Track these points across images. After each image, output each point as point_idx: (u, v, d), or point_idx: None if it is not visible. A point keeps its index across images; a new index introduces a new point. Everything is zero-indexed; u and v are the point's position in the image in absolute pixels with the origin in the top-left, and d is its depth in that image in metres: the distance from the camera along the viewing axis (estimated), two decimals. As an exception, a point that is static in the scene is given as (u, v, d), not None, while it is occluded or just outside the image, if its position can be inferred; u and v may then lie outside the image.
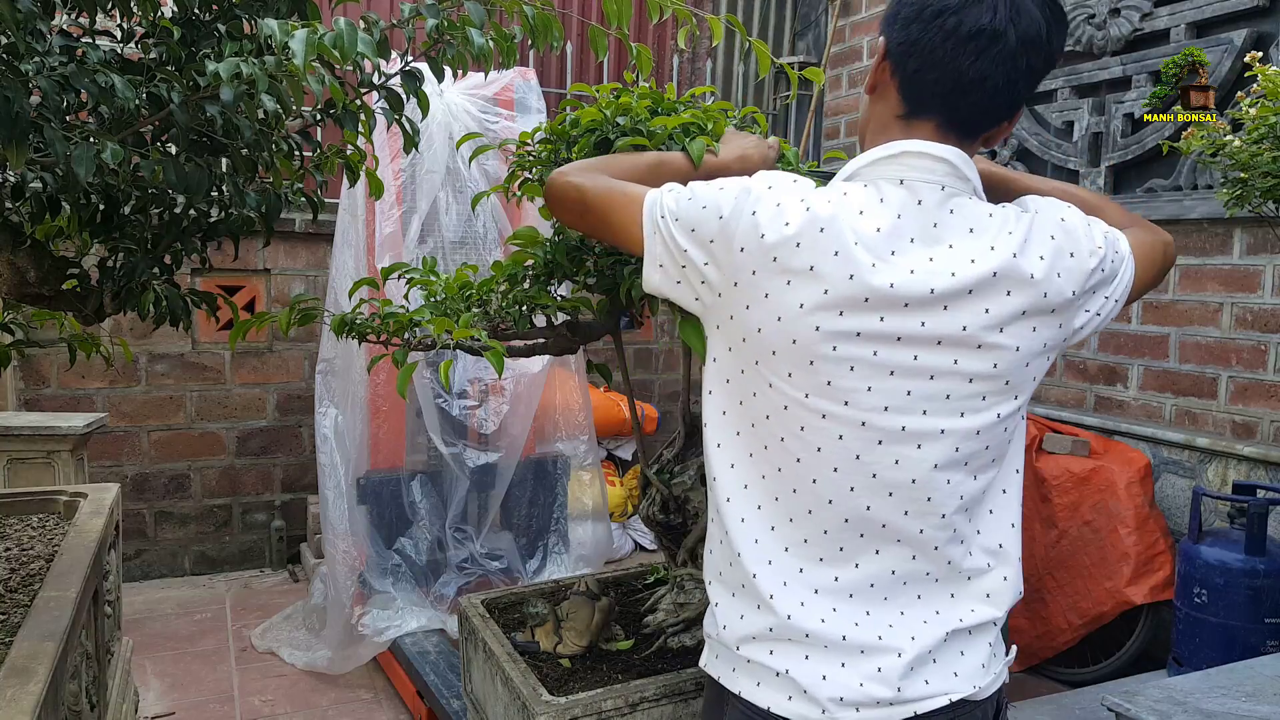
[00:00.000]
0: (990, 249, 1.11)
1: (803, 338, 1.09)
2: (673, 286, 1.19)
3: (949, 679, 1.17)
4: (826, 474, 1.13)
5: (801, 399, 1.11)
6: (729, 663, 1.21)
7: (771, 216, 1.10)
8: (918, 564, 1.17)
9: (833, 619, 1.15)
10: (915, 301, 1.09)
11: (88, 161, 1.16)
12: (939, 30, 1.09)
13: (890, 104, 1.17)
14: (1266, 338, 3.17)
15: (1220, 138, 2.39)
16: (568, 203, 1.28)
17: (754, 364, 1.13)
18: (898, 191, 1.12)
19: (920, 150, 1.13)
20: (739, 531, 1.17)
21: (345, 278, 3.47)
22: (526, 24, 1.48)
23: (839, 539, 1.16)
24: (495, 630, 1.80)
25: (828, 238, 1.08)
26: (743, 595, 1.18)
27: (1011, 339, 1.12)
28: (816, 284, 1.08)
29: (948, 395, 1.12)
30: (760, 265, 1.10)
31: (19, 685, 1.32)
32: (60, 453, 3.24)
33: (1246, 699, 1.70)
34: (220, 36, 1.37)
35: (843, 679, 1.14)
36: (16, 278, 1.47)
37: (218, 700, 3.23)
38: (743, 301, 1.12)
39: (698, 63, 5.53)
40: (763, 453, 1.16)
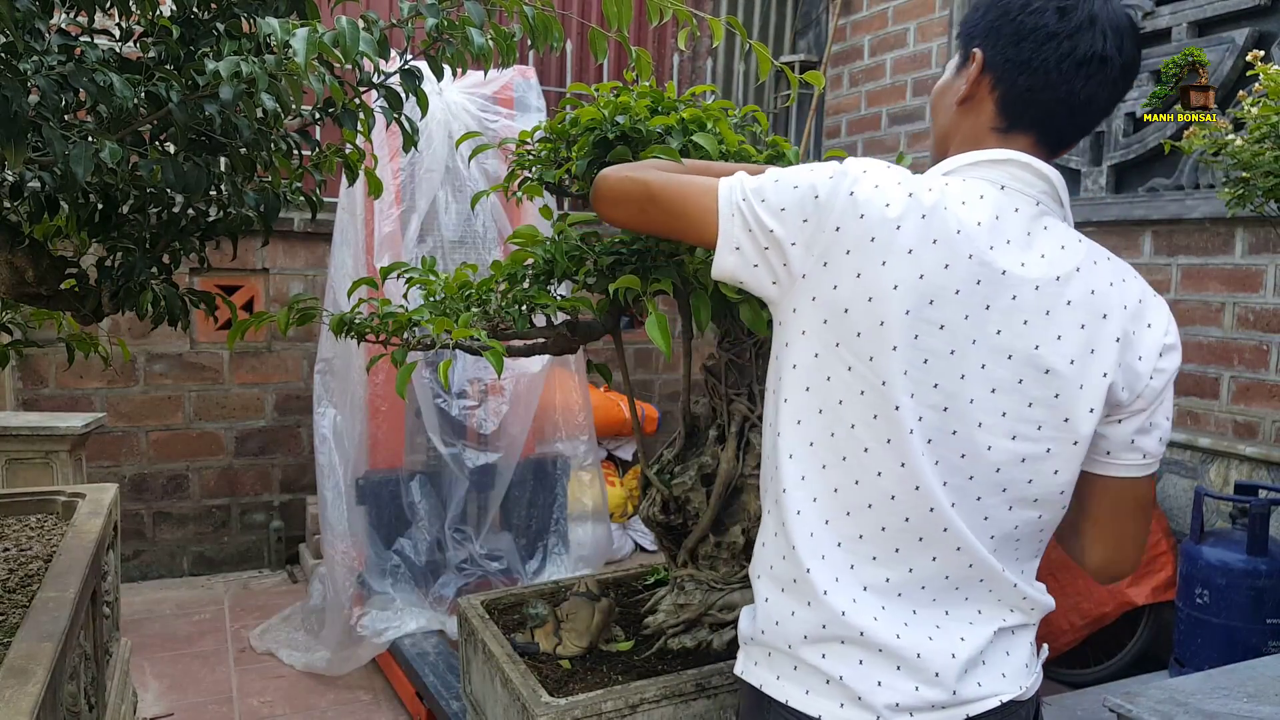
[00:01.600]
0: (1076, 269, 1.13)
1: (891, 320, 1.08)
2: (748, 270, 1.17)
3: (998, 680, 1.17)
4: (892, 468, 1.11)
5: (879, 385, 1.09)
6: (773, 669, 1.19)
7: (870, 198, 1.09)
8: (973, 571, 1.16)
9: (883, 617, 1.14)
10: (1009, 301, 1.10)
11: (86, 161, 1.15)
12: (1054, 53, 1.13)
13: (985, 117, 1.19)
14: (1268, 337, 3.17)
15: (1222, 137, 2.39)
16: (628, 196, 1.27)
17: (834, 346, 1.11)
18: (997, 194, 1.13)
19: (1025, 162, 1.15)
20: (795, 524, 1.15)
21: (344, 277, 3.46)
22: (526, 24, 1.48)
23: (896, 539, 1.14)
24: (495, 631, 1.79)
25: (929, 224, 1.08)
26: (794, 590, 1.16)
27: (1076, 375, 1.12)
28: (913, 267, 1.07)
29: (1004, 413, 1.12)
30: (856, 245, 1.09)
31: (17, 686, 1.31)
32: (58, 453, 3.24)
33: (1248, 700, 1.70)
34: (219, 35, 1.36)
35: (898, 684, 1.12)
36: (15, 277, 1.46)
37: (216, 701, 3.22)
38: (830, 281, 1.10)
39: (698, 62, 5.53)
40: (828, 441, 1.13)
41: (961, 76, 1.21)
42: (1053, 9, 1.13)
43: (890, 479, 1.12)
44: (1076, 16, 1.12)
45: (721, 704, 1.60)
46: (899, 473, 1.11)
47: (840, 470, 1.14)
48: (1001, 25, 1.16)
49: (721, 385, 1.74)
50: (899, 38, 4.99)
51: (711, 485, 1.73)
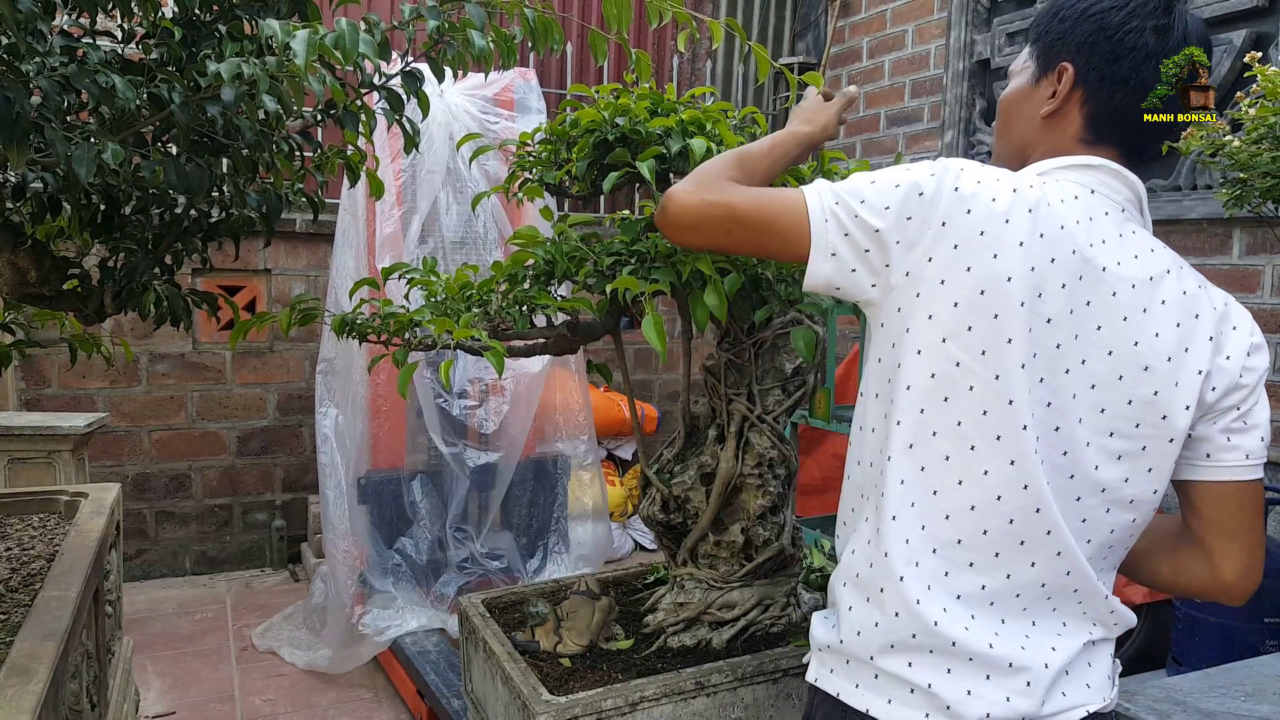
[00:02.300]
0: (1166, 270, 1.14)
1: (1005, 312, 1.07)
2: (845, 275, 1.14)
3: (1083, 690, 1.16)
4: (1000, 465, 1.10)
5: (991, 380, 1.08)
6: (851, 677, 1.16)
7: (975, 193, 1.09)
8: (1069, 579, 1.15)
9: (974, 627, 1.12)
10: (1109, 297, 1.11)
11: (88, 162, 1.16)
12: (1152, 73, 1.15)
13: (1071, 129, 1.20)
14: (1267, 338, 3.17)
15: (1219, 138, 2.39)
16: (710, 222, 1.20)
17: (940, 342, 1.09)
18: (1088, 196, 1.15)
19: (1115, 170, 1.16)
20: (890, 529, 1.13)
21: (346, 278, 3.47)
22: (526, 26, 1.49)
23: (997, 543, 1.12)
24: (495, 630, 1.80)
25: (1035, 218, 1.08)
26: (880, 600, 1.14)
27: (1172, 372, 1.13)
28: (1025, 260, 1.07)
29: (1103, 410, 1.12)
30: (964, 239, 1.08)
31: (20, 685, 1.32)
32: (61, 452, 3.25)
33: (1246, 699, 1.71)
34: (221, 37, 1.37)
35: (989, 694, 1.11)
36: (17, 278, 1.47)
37: (218, 700, 3.23)
38: (937, 276, 1.09)
39: (698, 64, 5.53)
40: (929, 440, 1.11)
41: (1046, 88, 1.22)
42: (1151, 28, 1.14)
43: (997, 478, 1.10)
44: (1173, 37, 1.14)
45: (721, 702, 1.61)
46: (1007, 471, 1.10)
47: (942, 471, 1.12)
48: (1097, 41, 1.16)
49: (721, 385, 1.75)
50: (897, 39, 5.00)
51: (711, 484, 1.73)
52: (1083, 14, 1.18)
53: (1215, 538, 1.19)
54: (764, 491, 1.72)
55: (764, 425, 1.72)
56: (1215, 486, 1.18)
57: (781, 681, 1.65)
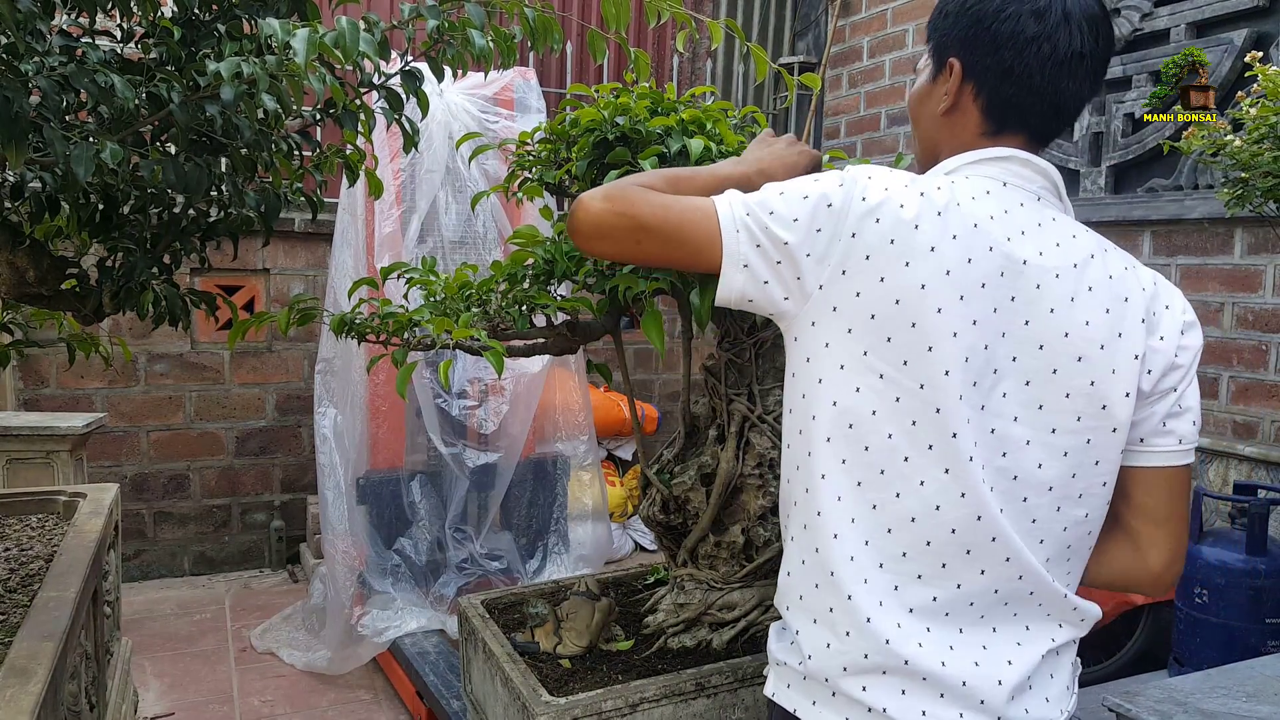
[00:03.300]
0: (1090, 255, 1.13)
1: (923, 320, 1.05)
2: (758, 288, 1.12)
3: (1043, 705, 1.14)
4: (936, 475, 1.08)
5: (916, 389, 1.07)
6: (808, 694, 1.15)
7: (882, 201, 1.08)
8: (1023, 583, 1.13)
9: (928, 642, 1.10)
10: (1033, 290, 1.09)
11: (87, 161, 1.15)
12: (1035, 56, 1.12)
13: (971, 124, 1.19)
14: (1268, 337, 3.17)
15: (1221, 137, 2.39)
16: (618, 231, 1.17)
17: (861, 355, 1.08)
18: (1000, 190, 1.13)
19: (1025, 159, 1.15)
20: (833, 548, 1.10)
21: (344, 277, 3.47)
22: (526, 25, 1.48)
23: (943, 554, 1.10)
24: (495, 630, 1.80)
25: (945, 220, 1.07)
26: (829, 620, 1.12)
27: (1107, 360, 1.11)
28: (938, 265, 1.06)
29: (1040, 406, 1.11)
30: (875, 249, 1.06)
31: (18, 685, 1.32)
32: (59, 453, 3.24)
33: (1247, 699, 1.70)
34: (220, 36, 1.37)
35: (943, 713, 1.09)
36: (16, 277, 1.47)
37: (217, 701, 3.23)
38: (852, 289, 1.07)
39: (697, 63, 5.53)
40: (861, 455, 1.09)
41: (940, 86, 1.20)
42: (1027, 12, 1.12)
43: (933, 488, 1.08)
44: (1052, 17, 1.12)
45: (721, 703, 1.61)
46: (943, 480, 1.08)
47: (878, 485, 1.10)
48: (976, 34, 1.15)
49: (721, 385, 1.75)
50: (898, 39, 5.00)
51: (711, 485, 1.73)
52: (961, 8, 1.17)
53: (1145, 525, 1.19)
54: (764, 492, 1.72)
55: (764, 425, 1.72)
56: (1149, 473, 1.17)
57: (782, 682, 1.64)
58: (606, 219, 1.17)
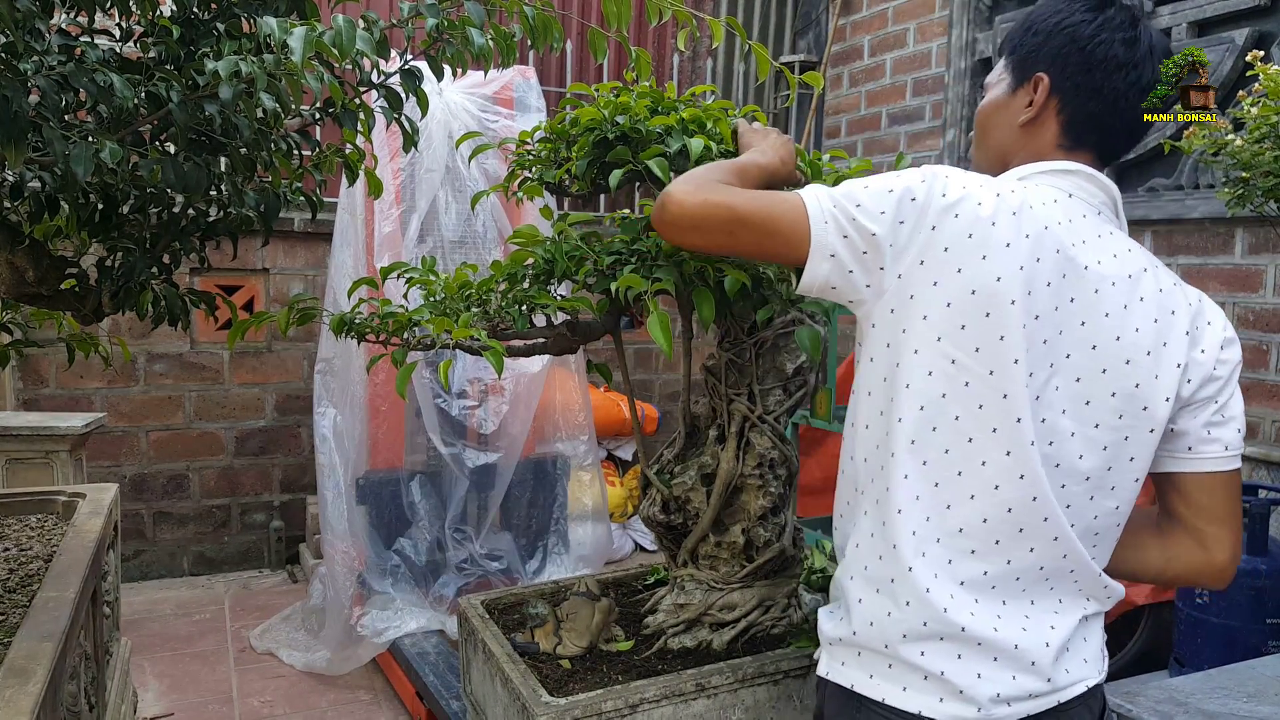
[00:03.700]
0: (1143, 269, 1.22)
1: (997, 311, 1.12)
2: (843, 276, 1.18)
3: (1082, 665, 1.23)
4: (998, 457, 1.15)
5: (985, 375, 1.13)
6: (864, 668, 1.21)
7: (961, 198, 1.14)
8: (1066, 561, 1.21)
9: (979, 612, 1.17)
10: (1091, 294, 1.17)
11: (86, 161, 1.15)
12: (1123, 81, 1.23)
13: (1050, 136, 1.27)
14: (1268, 337, 3.17)
15: (1222, 137, 2.39)
16: (712, 222, 1.22)
17: (935, 341, 1.14)
18: (1067, 200, 1.21)
19: (1091, 174, 1.24)
20: (897, 522, 1.17)
21: (344, 277, 3.47)
22: (526, 24, 1.48)
23: (997, 531, 1.17)
24: (495, 631, 1.79)
25: (1019, 220, 1.14)
26: (890, 590, 1.19)
27: (1152, 365, 1.19)
28: (1012, 260, 1.12)
29: (1087, 402, 1.18)
30: (954, 242, 1.13)
31: (17, 686, 1.32)
32: (59, 453, 3.24)
33: (1248, 699, 1.70)
34: (219, 35, 1.37)
35: (997, 675, 1.16)
36: (15, 277, 1.47)
37: (216, 701, 3.23)
38: (930, 279, 1.14)
39: (698, 62, 5.53)
40: (930, 436, 1.16)
41: (1023, 98, 1.28)
42: (1120, 39, 1.22)
43: (995, 468, 1.15)
44: (1140, 47, 1.23)
45: (721, 704, 1.60)
46: (1004, 462, 1.15)
47: (943, 464, 1.17)
48: (1069, 53, 1.24)
49: (721, 385, 1.74)
50: (899, 38, 4.99)
51: (711, 485, 1.73)
52: (1056, 28, 1.25)
53: (1208, 524, 1.27)
54: (765, 492, 1.72)
55: (765, 425, 1.71)
56: (1205, 477, 1.25)
57: (782, 683, 1.64)
58: (702, 210, 1.22)
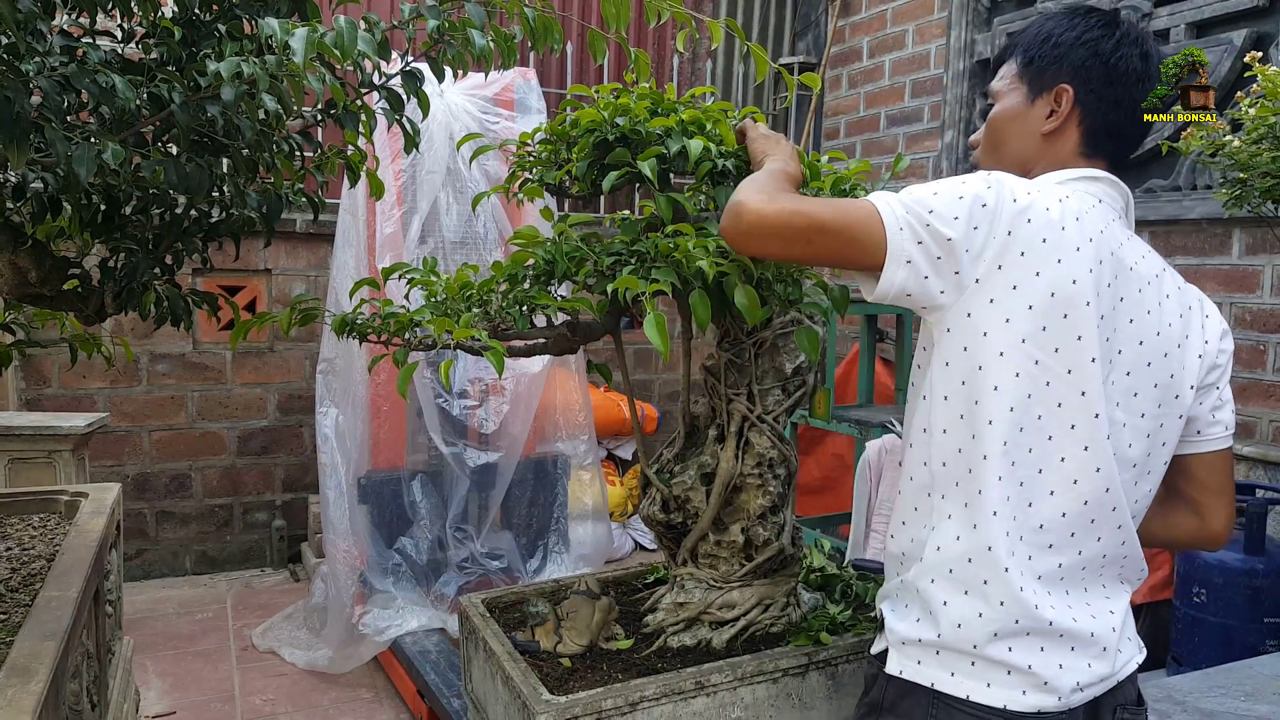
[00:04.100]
0: (1163, 269, 1.30)
1: (1074, 311, 1.16)
2: (918, 282, 1.19)
3: (1129, 645, 1.30)
4: (1076, 452, 1.20)
5: (1064, 374, 1.18)
6: (945, 666, 1.23)
7: (1031, 204, 1.17)
8: (1124, 548, 1.27)
9: (1058, 605, 1.22)
10: (1136, 294, 1.24)
11: (88, 162, 1.16)
12: (1140, 92, 1.30)
13: (1070, 144, 1.33)
14: (1265, 337, 3.17)
15: (1219, 138, 2.39)
16: (792, 231, 1.22)
17: (1019, 343, 1.17)
18: (1099, 205, 1.26)
19: (1114, 181, 1.31)
20: (991, 525, 1.19)
21: (346, 278, 3.47)
22: (526, 26, 1.49)
23: (1073, 524, 1.22)
24: (496, 629, 1.80)
25: (1082, 225, 1.19)
26: (983, 591, 1.20)
27: (1180, 357, 1.28)
28: (1083, 263, 1.17)
29: (1135, 394, 1.25)
30: (1029, 247, 1.16)
31: (20, 685, 1.32)
32: (61, 452, 3.25)
33: (1245, 698, 1.71)
34: (221, 37, 1.37)
35: (1076, 664, 1.21)
36: (18, 278, 1.47)
37: (219, 699, 3.23)
38: (1009, 282, 1.17)
39: (698, 63, 5.53)
40: (1017, 436, 1.19)
41: (1043, 107, 1.33)
42: (1138, 54, 1.29)
43: (1074, 464, 1.20)
44: (1153, 60, 1.30)
45: (720, 702, 1.61)
46: (1082, 456, 1.20)
47: (1027, 463, 1.20)
48: (1093, 66, 1.30)
49: (721, 385, 1.75)
50: (898, 39, 5.00)
51: (711, 484, 1.73)
52: (1076, 41, 1.31)
53: (1207, 497, 1.38)
54: (764, 491, 1.72)
55: (764, 425, 1.72)
56: (1209, 456, 1.37)
57: (781, 681, 1.65)
58: (782, 218, 1.23)
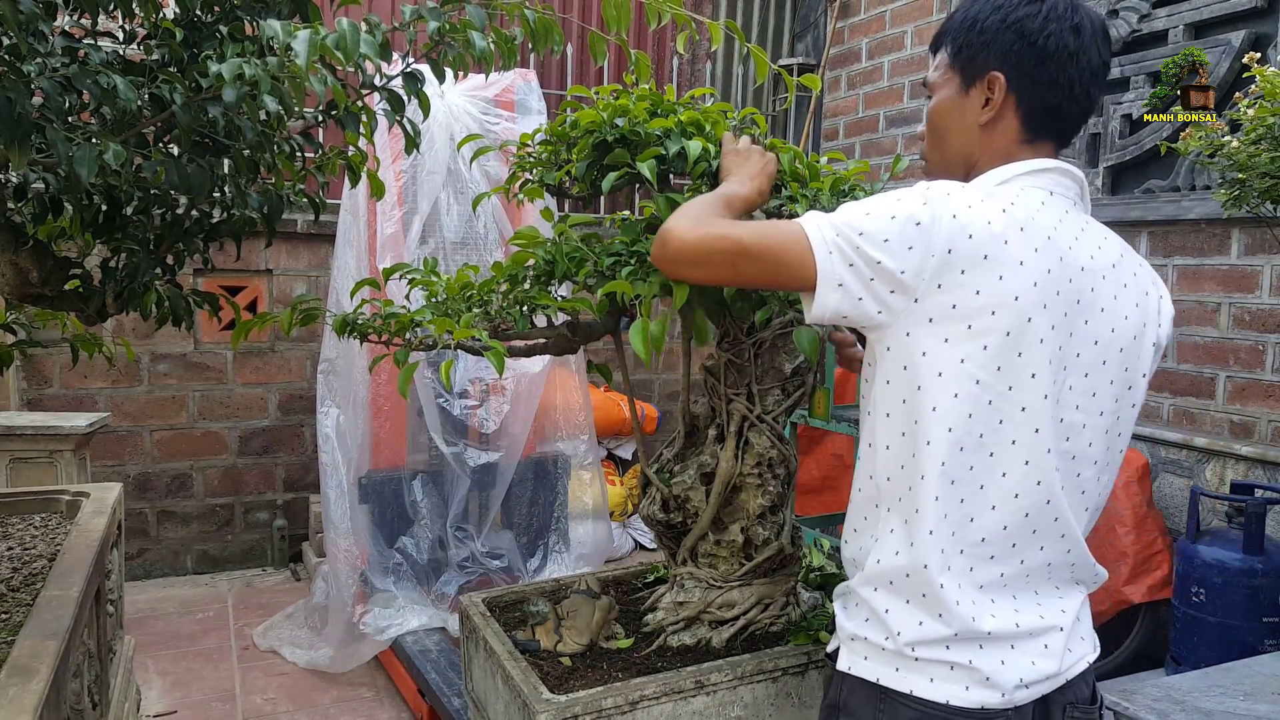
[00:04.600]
0: (1120, 255, 1.26)
1: (1015, 329, 1.14)
2: (852, 304, 1.18)
3: (1080, 643, 1.29)
4: (1018, 467, 1.19)
5: (1005, 391, 1.16)
6: (890, 662, 1.23)
7: (972, 219, 1.14)
8: (1070, 556, 1.27)
9: (999, 613, 1.22)
10: (1089, 293, 1.20)
11: (90, 162, 1.16)
12: (1076, 69, 1.23)
13: (1010, 132, 1.28)
14: (1264, 338, 3.17)
15: (1218, 138, 2.40)
16: (718, 256, 1.22)
17: (959, 363, 1.15)
18: (1051, 199, 1.23)
19: (1065, 169, 1.26)
20: (927, 544, 1.19)
21: (347, 278, 3.48)
22: (527, 27, 1.49)
23: (1014, 535, 1.21)
24: (496, 628, 1.80)
25: (1028, 235, 1.15)
26: (923, 604, 1.21)
27: (1136, 349, 1.26)
28: (1027, 277, 1.14)
29: (1094, 394, 1.23)
30: (970, 264, 1.13)
31: (21, 684, 1.32)
32: (63, 452, 3.25)
33: (1244, 698, 1.71)
34: (222, 38, 1.38)
35: (1019, 661, 1.21)
36: (19, 278, 1.48)
37: (220, 699, 3.24)
38: (948, 302, 1.14)
39: (697, 64, 5.53)
40: (957, 455, 1.17)
41: (977, 97, 1.28)
42: (1068, 29, 1.22)
43: (1015, 479, 1.19)
44: (1085, 33, 1.23)
45: (720, 701, 1.61)
46: (1023, 470, 1.19)
47: (967, 480, 1.19)
48: (1021, 49, 1.24)
49: (721, 385, 1.75)
50: (897, 41, 5.00)
51: (711, 484, 1.74)
52: (1002, 24, 1.25)
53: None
54: (763, 491, 1.73)
55: (763, 425, 1.73)
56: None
57: (781, 680, 1.65)
58: (705, 244, 1.23)
